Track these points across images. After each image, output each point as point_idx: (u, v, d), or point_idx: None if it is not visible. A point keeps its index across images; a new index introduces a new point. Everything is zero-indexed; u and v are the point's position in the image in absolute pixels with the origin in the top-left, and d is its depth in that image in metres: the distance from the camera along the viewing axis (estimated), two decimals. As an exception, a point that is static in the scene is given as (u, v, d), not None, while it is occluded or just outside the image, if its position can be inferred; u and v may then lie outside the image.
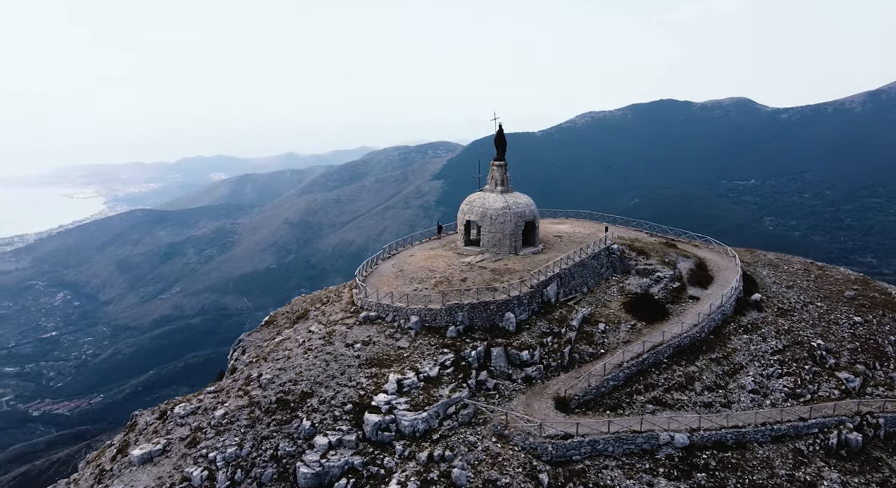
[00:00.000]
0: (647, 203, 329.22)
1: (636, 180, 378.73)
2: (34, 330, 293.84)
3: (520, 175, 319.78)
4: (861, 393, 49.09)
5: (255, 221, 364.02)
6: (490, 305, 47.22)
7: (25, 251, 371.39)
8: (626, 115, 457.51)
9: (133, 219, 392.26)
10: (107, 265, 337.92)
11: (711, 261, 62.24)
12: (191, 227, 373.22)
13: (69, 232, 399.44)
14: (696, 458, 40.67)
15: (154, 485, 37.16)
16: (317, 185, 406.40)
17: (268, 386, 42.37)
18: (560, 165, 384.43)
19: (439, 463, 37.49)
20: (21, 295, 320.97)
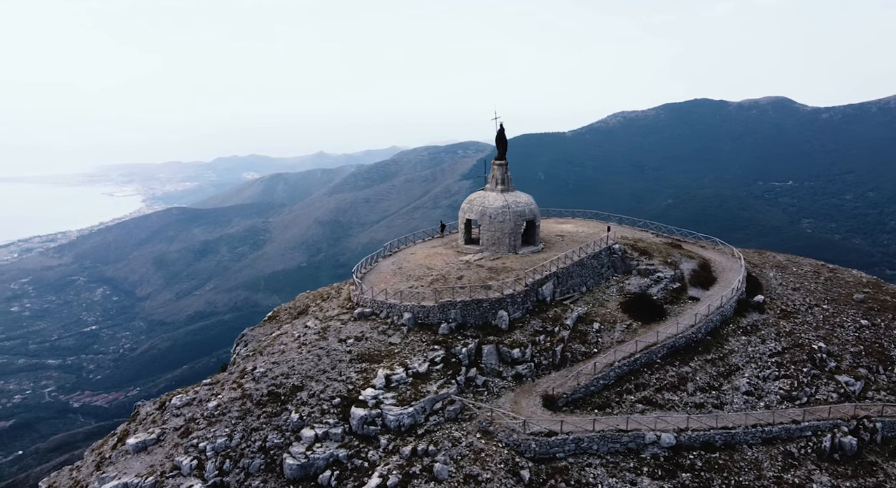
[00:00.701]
0: (680, 204, 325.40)
1: (669, 181, 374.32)
2: (75, 324, 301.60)
3: (545, 174, 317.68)
4: (862, 397, 48.39)
5: (286, 220, 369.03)
6: (483, 303, 47.73)
7: (68, 247, 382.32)
8: (659, 115, 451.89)
9: (169, 217, 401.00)
10: (144, 262, 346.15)
11: (716, 263, 61.82)
12: (224, 226, 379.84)
13: (109, 229, 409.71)
14: (682, 458, 40.62)
15: (146, 473, 38.51)
16: (347, 185, 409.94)
17: (261, 379, 43.50)
18: (591, 166, 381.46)
19: (422, 458, 38.16)
20: (63, 289, 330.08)
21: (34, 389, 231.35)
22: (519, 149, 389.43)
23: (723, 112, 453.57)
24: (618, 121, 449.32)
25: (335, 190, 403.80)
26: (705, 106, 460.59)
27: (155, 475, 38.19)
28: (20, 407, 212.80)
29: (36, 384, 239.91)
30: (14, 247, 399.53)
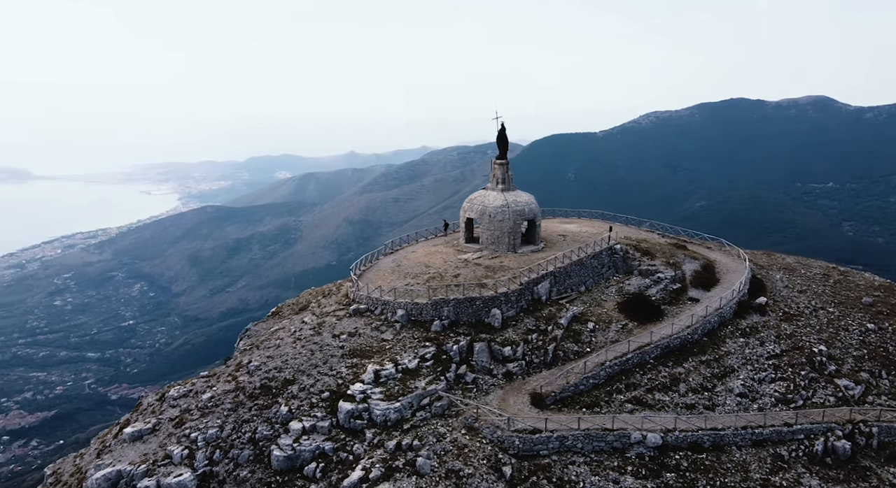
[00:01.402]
0: (713, 206, 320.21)
1: (703, 182, 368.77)
2: (114, 318, 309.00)
3: (576, 174, 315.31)
4: (861, 402, 47.75)
5: (316, 219, 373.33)
6: (476, 301, 48.24)
7: (108, 244, 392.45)
8: (694, 115, 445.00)
9: (204, 215, 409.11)
10: (179, 259, 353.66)
11: (721, 264, 61.39)
12: (256, 224, 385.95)
13: (146, 226, 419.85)
14: (668, 458, 40.66)
15: (139, 461, 39.89)
16: (377, 184, 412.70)
17: (255, 372, 44.67)
18: (622, 166, 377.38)
19: (406, 452, 38.83)
20: (103, 285, 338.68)
21: (75, 381, 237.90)
22: (549, 150, 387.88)
23: (760, 112, 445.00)
24: (650, 121, 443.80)
25: (365, 189, 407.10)
26: (742, 105, 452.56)
27: (147, 463, 39.53)
28: (61, 397, 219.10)
29: (77, 376, 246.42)
30: (58, 243, 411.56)
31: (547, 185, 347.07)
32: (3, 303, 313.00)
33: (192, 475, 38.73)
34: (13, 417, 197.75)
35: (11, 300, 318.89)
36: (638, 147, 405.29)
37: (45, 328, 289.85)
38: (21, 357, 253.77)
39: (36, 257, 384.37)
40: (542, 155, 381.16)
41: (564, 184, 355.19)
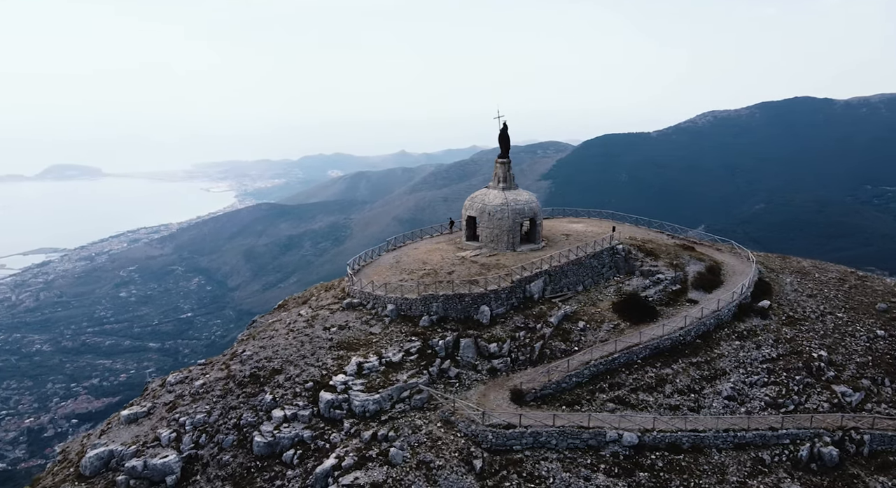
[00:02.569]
0: (773, 209, 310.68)
1: (762, 184, 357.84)
2: (173, 310, 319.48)
3: (628, 176, 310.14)
4: (859, 409, 46.69)
5: (366, 217, 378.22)
6: (465, 298, 49.04)
7: (169, 239, 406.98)
8: (754, 115, 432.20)
9: (259, 212, 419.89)
10: (235, 254, 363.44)
11: (728, 266, 60.53)
12: (308, 221, 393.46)
13: (205, 222, 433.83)
14: (643, 458, 40.67)
15: (130, 442, 42.23)
16: (426, 184, 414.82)
17: (246, 361, 46.57)
18: (677, 167, 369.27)
19: (381, 443, 39.93)
20: (164, 278, 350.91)
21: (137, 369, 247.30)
22: (600, 150, 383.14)
23: (827, 111, 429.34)
24: (707, 120, 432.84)
25: (414, 188, 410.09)
26: (807, 104, 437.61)
27: (137, 444, 41.82)
28: (125, 385, 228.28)
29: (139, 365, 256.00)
30: (124, 237, 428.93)
31: (598, 186, 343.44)
32: (75, 294, 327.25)
33: (178, 457, 40.80)
34: (81, 401, 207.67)
35: (82, 291, 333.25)
36: (694, 147, 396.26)
37: (111, 318, 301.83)
38: (89, 345, 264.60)
39: (104, 250, 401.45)
40: (594, 155, 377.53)
41: (616, 186, 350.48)
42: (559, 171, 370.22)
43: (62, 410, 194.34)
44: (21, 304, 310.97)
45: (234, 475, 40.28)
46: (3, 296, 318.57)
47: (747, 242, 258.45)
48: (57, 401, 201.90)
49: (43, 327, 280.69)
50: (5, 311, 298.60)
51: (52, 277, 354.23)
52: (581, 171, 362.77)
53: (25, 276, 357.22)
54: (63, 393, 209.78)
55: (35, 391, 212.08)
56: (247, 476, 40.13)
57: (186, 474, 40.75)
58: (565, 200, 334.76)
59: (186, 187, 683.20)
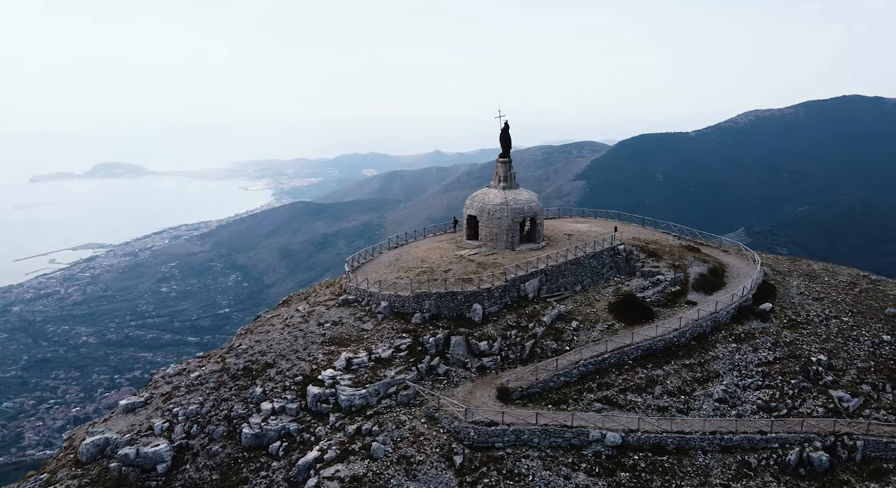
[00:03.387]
0: (818, 210, 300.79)
1: (807, 185, 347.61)
2: (212, 306, 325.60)
3: (665, 176, 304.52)
4: (856, 415, 45.80)
5: (400, 216, 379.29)
6: (458, 296, 49.48)
7: (208, 236, 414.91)
8: (799, 114, 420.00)
9: (294, 211, 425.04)
10: (271, 251, 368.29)
11: (733, 268, 59.79)
12: (343, 220, 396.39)
13: (242, 220, 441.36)
14: (626, 458, 40.69)
15: (125, 430, 43.73)
16: (459, 183, 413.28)
17: (241, 355, 47.77)
18: (716, 168, 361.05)
19: (364, 437, 40.66)
20: (203, 274, 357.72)
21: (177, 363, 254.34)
22: (636, 150, 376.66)
23: (878, 110, 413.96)
24: (749, 120, 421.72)
25: (448, 188, 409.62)
26: (856, 103, 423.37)
27: (132, 433, 43.28)
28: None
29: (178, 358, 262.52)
30: (165, 234, 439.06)
31: (634, 187, 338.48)
32: (119, 288, 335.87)
33: (169, 446, 42.11)
34: (124, 393, 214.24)
35: (125, 285, 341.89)
36: (734, 148, 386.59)
37: (152, 312, 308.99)
38: (132, 338, 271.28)
39: (147, 247, 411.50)
40: (630, 155, 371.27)
41: (652, 186, 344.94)
42: (594, 171, 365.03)
43: (106, 400, 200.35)
44: (69, 298, 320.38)
45: (221, 465, 41.46)
46: (53, 290, 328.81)
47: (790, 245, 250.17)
48: (101, 392, 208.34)
49: (89, 320, 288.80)
50: (55, 304, 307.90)
51: (98, 272, 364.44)
52: (617, 172, 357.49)
53: (74, 271, 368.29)
54: (107, 384, 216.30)
55: (81, 381, 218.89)
56: (234, 466, 41.28)
57: (177, 463, 42.04)
58: (600, 201, 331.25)
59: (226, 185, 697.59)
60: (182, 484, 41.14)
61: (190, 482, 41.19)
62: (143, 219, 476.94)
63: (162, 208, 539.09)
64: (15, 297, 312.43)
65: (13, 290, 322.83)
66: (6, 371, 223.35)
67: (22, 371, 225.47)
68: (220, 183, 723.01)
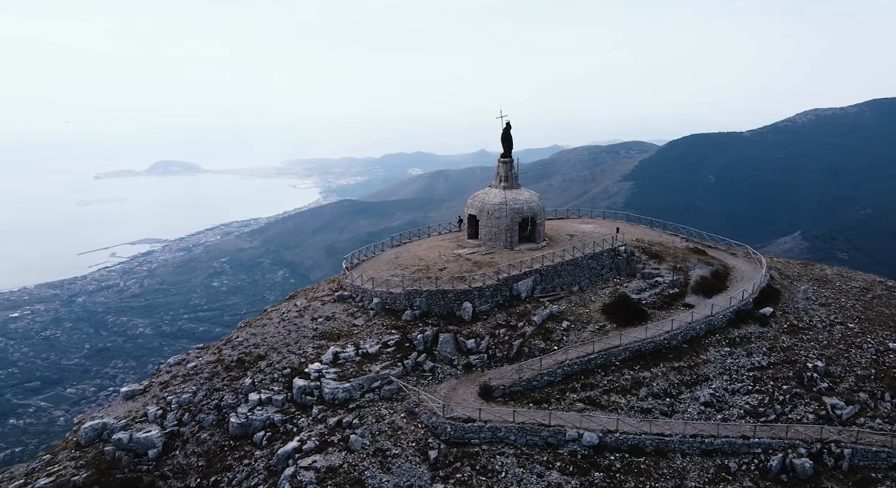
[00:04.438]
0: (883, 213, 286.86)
1: (871, 187, 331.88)
2: (260, 301, 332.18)
3: (716, 177, 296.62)
4: (850, 423, 44.77)
5: (443, 215, 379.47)
6: (448, 294, 50.18)
7: (258, 232, 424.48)
8: (864, 112, 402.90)
9: (341, 209, 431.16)
10: (317, 249, 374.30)
11: (738, 271, 58.87)
12: (387, 218, 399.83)
13: (290, 217, 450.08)
14: (601, 459, 40.74)
15: (122, 416, 45.87)
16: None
17: (237, 347, 49.51)
18: (772, 169, 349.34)
19: (344, 429, 41.88)
20: (252, 270, 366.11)
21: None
22: (686, 151, 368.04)
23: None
24: (809, 119, 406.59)
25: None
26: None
27: (127, 419, 45.40)
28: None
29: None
30: (218, 230, 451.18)
31: (683, 188, 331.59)
32: (174, 282, 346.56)
33: (160, 432, 44.09)
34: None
35: (179, 279, 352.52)
36: (792, 148, 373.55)
37: (204, 306, 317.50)
38: (185, 330, 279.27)
39: (200, 242, 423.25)
40: (679, 156, 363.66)
41: (703, 187, 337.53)
42: (642, 172, 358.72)
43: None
44: (128, 290, 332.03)
45: (208, 452, 43.19)
46: (113, 282, 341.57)
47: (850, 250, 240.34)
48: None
49: (146, 312, 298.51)
50: (115, 296, 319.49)
51: (154, 266, 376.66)
52: (665, 172, 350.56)
53: (132, 264, 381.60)
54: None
55: (138, 370, 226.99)
56: (219, 453, 42.95)
57: (167, 448, 44.03)
58: (647, 202, 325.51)
59: (275, 183, 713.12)
60: (171, 469, 43.04)
61: (178, 467, 43.05)
62: (197, 216, 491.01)
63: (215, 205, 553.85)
64: (79, 289, 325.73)
65: (77, 282, 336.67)
66: (70, 359, 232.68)
67: (84, 359, 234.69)
68: (270, 180, 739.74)
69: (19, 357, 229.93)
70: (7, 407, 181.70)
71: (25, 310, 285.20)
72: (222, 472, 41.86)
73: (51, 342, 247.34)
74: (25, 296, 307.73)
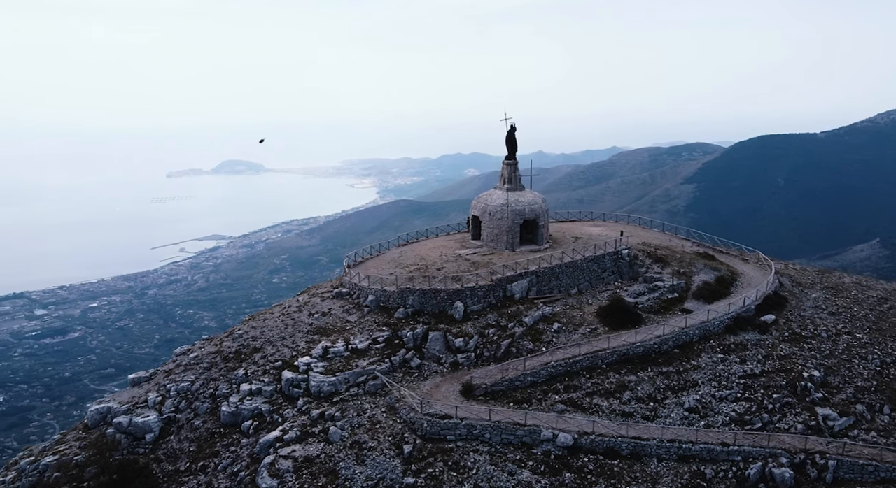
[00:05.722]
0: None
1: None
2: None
3: (786, 180, 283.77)
4: (842, 435, 43.66)
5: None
6: (440, 293, 51.09)
7: (317, 231, 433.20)
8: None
9: (397, 209, 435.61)
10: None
11: (746, 277, 57.76)
12: (442, 219, 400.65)
13: (348, 216, 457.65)
14: (575, 460, 40.99)
15: (126, 401, 48.50)
16: (561, 185, 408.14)
17: (237, 339, 51.60)
18: (849, 172, 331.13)
19: (326, 421, 43.34)
20: (310, 267, 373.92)
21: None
22: (754, 153, 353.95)
23: None
24: (892, 119, 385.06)
25: (548, 189, 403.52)
26: None
27: (129, 404, 48.00)
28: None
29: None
30: (279, 228, 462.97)
31: (750, 191, 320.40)
32: (237, 277, 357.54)
33: (158, 418, 46.40)
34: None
35: (242, 275, 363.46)
36: (873, 150, 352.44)
37: (265, 301, 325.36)
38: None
39: (262, 239, 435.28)
40: (747, 158, 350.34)
41: (772, 191, 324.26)
42: (706, 175, 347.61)
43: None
44: (195, 284, 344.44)
45: (199, 438, 45.27)
46: (182, 276, 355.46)
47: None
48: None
49: (211, 305, 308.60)
50: (182, 289, 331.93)
51: (219, 261, 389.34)
52: (731, 175, 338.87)
53: (199, 259, 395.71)
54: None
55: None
56: (210, 440, 44.98)
57: (164, 433, 46.27)
58: (710, 205, 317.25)
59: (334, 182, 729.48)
60: (164, 453, 45.28)
61: (171, 451, 45.28)
62: (260, 214, 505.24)
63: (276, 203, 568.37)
64: (151, 282, 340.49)
65: (149, 275, 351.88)
66: (141, 348, 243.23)
67: (154, 349, 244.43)
68: (330, 180, 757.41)
69: (97, 345, 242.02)
70: (85, 391, 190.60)
71: (103, 301, 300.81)
72: (210, 458, 43.84)
73: (124, 331, 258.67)
74: (103, 288, 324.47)
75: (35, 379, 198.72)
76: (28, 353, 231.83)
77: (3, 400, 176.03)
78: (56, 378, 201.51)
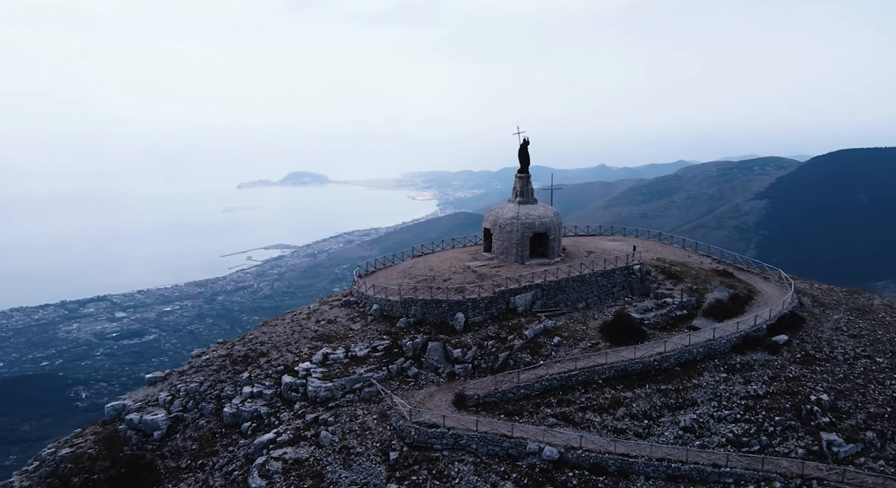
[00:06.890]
0: None
1: None
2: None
3: (870, 197, 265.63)
4: (847, 462, 41.99)
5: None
6: (442, 303, 51.60)
7: (377, 241, 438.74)
8: None
9: (456, 221, 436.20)
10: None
11: (764, 296, 56.08)
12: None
13: (408, 228, 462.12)
14: (559, 474, 40.77)
15: (140, 400, 50.80)
16: (624, 199, 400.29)
17: (246, 343, 53.37)
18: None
19: (319, 426, 44.43)
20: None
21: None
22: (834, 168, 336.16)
23: None
24: None
25: (611, 203, 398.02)
26: None
27: (142, 402, 50.25)
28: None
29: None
30: (341, 238, 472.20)
31: (828, 207, 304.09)
32: (299, 286, 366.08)
33: (166, 416, 48.46)
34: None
35: (304, 283, 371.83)
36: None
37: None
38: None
39: (324, 249, 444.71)
40: (825, 173, 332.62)
41: (852, 207, 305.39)
42: (779, 190, 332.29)
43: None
44: (260, 291, 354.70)
45: (202, 437, 47.05)
46: (248, 284, 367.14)
47: None
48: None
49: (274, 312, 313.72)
50: (249, 296, 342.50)
51: (283, 270, 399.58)
52: (807, 190, 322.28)
53: (265, 268, 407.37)
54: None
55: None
56: (211, 439, 46.70)
57: (171, 431, 48.30)
58: (784, 221, 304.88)
59: (395, 194, 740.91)
60: (169, 450, 47.28)
61: (175, 449, 47.21)
62: (323, 224, 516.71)
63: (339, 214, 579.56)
64: (219, 288, 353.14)
65: (219, 282, 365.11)
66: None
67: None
68: (391, 192, 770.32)
69: (169, 347, 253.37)
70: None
71: (176, 305, 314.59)
72: (209, 456, 45.50)
73: (195, 335, 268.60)
74: (176, 293, 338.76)
75: (114, 377, 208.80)
76: (108, 353, 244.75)
77: (85, 397, 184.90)
78: (132, 377, 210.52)
